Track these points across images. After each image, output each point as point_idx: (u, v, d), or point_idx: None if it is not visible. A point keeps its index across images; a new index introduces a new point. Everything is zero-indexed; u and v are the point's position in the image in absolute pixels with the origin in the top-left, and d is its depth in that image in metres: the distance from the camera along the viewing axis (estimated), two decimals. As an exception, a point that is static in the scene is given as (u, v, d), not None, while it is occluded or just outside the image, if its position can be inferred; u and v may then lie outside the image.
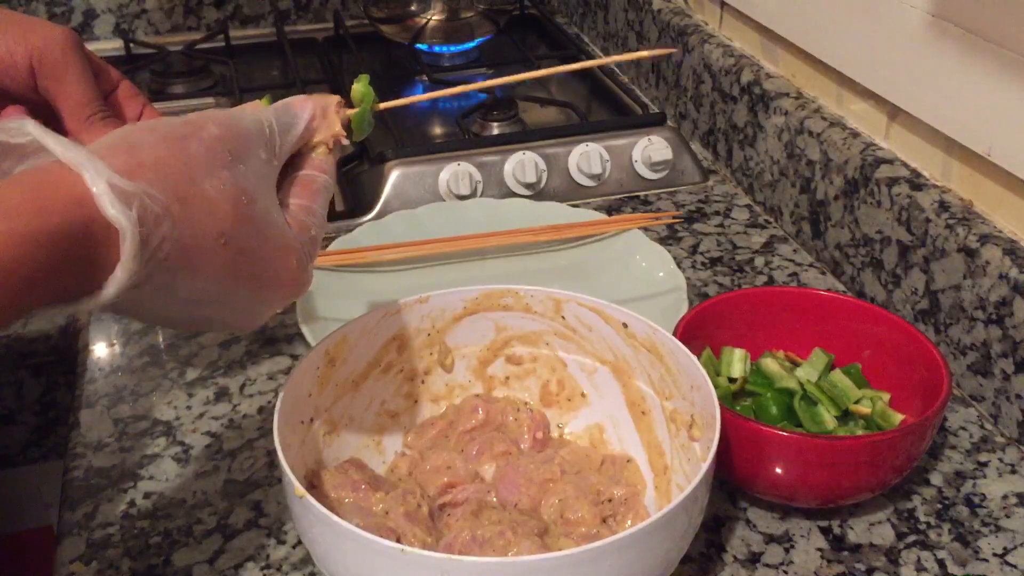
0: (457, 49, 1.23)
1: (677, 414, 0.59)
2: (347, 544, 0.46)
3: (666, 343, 0.58)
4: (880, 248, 0.78)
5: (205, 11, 1.32)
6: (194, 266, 0.44)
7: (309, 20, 1.36)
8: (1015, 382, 0.66)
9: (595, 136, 0.97)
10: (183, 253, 0.43)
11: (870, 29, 0.80)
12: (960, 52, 0.70)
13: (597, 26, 1.31)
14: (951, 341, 0.72)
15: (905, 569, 0.58)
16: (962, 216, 0.71)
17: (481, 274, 0.83)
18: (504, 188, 0.94)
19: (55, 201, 0.39)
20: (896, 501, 0.63)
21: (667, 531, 0.47)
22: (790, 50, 0.93)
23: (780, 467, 0.58)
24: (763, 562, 0.59)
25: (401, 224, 0.85)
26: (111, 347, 0.77)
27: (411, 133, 1.08)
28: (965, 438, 0.68)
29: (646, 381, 0.61)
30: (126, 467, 0.65)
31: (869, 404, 0.64)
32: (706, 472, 0.49)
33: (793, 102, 0.89)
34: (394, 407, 0.64)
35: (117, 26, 1.29)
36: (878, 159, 0.79)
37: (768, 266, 0.86)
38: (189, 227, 0.43)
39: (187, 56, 1.22)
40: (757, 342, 0.68)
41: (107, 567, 0.58)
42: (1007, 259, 0.66)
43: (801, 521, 0.61)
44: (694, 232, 0.91)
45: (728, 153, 1.00)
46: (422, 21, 1.22)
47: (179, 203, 0.42)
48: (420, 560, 0.44)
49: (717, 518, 0.61)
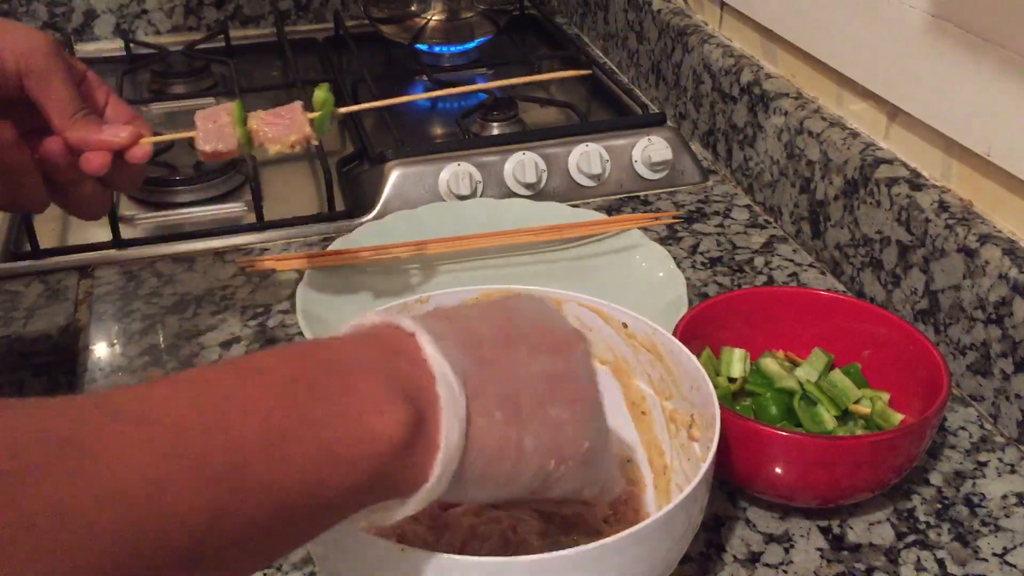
0: (457, 49, 1.23)
1: (677, 414, 0.59)
2: (347, 544, 0.46)
3: (666, 343, 0.58)
4: (880, 248, 0.78)
5: (205, 11, 1.32)
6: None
7: (309, 20, 1.36)
8: (1015, 382, 0.66)
9: (595, 136, 0.97)
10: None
11: (870, 29, 0.80)
12: (960, 52, 0.70)
13: (597, 26, 1.31)
14: (951, 341, 0.72)
15: (905, 569, 0.58)
16: (962, 216, 0.71)
17: (481, 274, 0.83)
18: (504, 188, 0.94)
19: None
20: (896, 501, 0.63)
21: (667, 531, 0.47)
22: (790, 50, 0.93)
23: (780, 467, 0.58)
24: (763, 562, 0.59)
25: (401, 224, 0.85)
26: (111, 347, 0.77)
27: (411, 133, 1.08)
28: (965, 438, 0.68)
29: (646, 381, 0.61)
30: (126, 467, 0.65)
31: (869, 404, 0.64)
32: (706, 472, 0.49)
33: (793, 102, 0.89)
34: (394, 407, 0.63)
35: (117, 26, 1.29)
36: (878, 159, 0.79)
37: (768, 266, 0.86)
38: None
39: (187, 56, 1.22)
40: (757, 342, 0.68)
41: (107, 567, 0.58)
42: (1007, 259, 0.66)
43: (801, 521, 0.61)
44: (694, 232, 0.91)
45: (728, 153, 1.00)
46: (422, 21, 1.22)
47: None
48: (420, 560, 0.44)
49: (717, 518, 0.61)
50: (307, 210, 0.94)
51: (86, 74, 0.64)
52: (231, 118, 0.64)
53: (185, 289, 0.83)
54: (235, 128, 0.63)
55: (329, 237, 0.88)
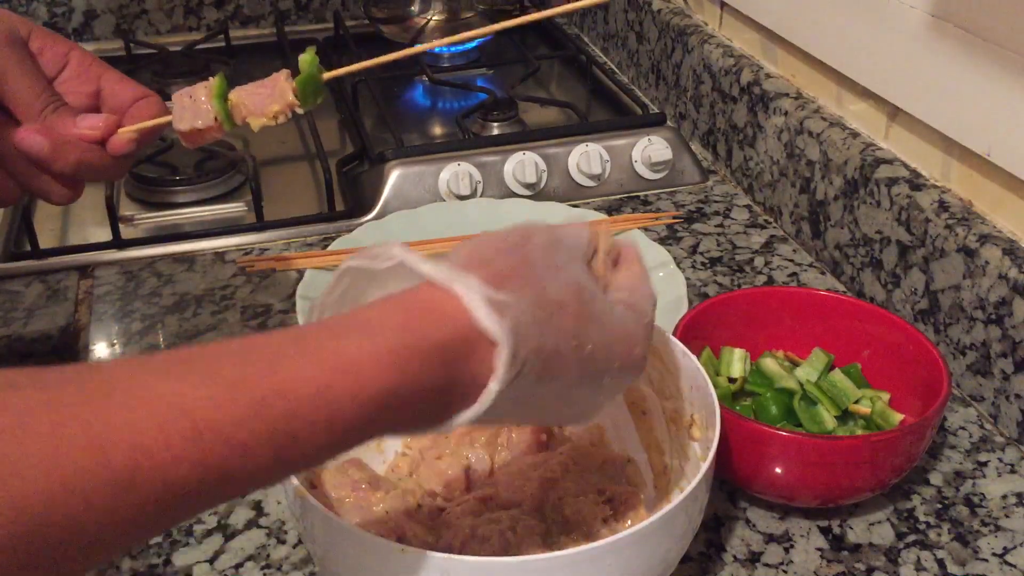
0: (457, 49, 1.23)
1: (677, 414, 0.59)
2: (347, 544, 0.46)
3: (666, 343, 0.58)
4: (880, 248, 0.78)
5: (205, 11, 1.32)
6: (551, 373, 0.42)
7: (309, 20, 1.36)
8: (1014, 382, 0.66)
9: (595, 136, 0.97)
10: (545, 361, 0.42)
11: (870, 29, 0.80)
12: (960, 52, 0.70)
13: (597, 26, 1.31)
14: (951, 341, 0.72)
15: (905, 569, 0.58)
16: (962, 216, 0.71)
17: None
18: (504, 188, 0.94)
19: (429, 320, 0.39)
20: (896, 501, 0.63)
21: (667, 531, 0.48)
22: (790, 50, 0.93)
23: (780, 467, 0.58)
24: (763, 562, 0.59)
25: (401, 224, 0.85)
26: (111, 347, 0.77)
27: (411, 133, 1.08)
28: (965, 438, 0.68)
29: (646, 381, 0.61)
30: (126, 467, 0.65)
31: (869, 404, 0.64)
32: (706, 472, 0.49)
33: (793, 102, 0.89)
34: (394, 407, 0.63)
35: (117, 26, 1.29)
36: (878, 159, 0.79)
37: (768, 266, 0.86)
38: (551, 333, 0.42)
39: (187, 56, 1.22)
40: (757, 342, 0.68)
41: (107, 567, 0.58)
42: (1007, 259, 0.66)
43: (801, 521, 0.61)
44: (694, 232, 0.91)
45: (728, 153, 1.00)
46: (422, 21, 1.22)
47: (541, 309, 0.41)
48: (420, 560, 0.44)
49: (717, 518, 0.61)
50: (307, 210, 0.94)
51: (68, 58, 0.60)
52: (208, 91, 0.59)
53: (185, 289, 0.83)
54: (212, 102, 0.59)
55: (329, 237, 0.88)
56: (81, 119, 0.58)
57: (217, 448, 0.32)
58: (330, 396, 0.35)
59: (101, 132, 0.58)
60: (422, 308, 0.39)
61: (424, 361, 0.38)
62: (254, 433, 0.33)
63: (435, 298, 0.40)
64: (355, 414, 0.36)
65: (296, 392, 0.35)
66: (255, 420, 0.33)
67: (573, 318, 0.43)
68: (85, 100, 0.62)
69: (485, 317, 0.39)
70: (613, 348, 0.45)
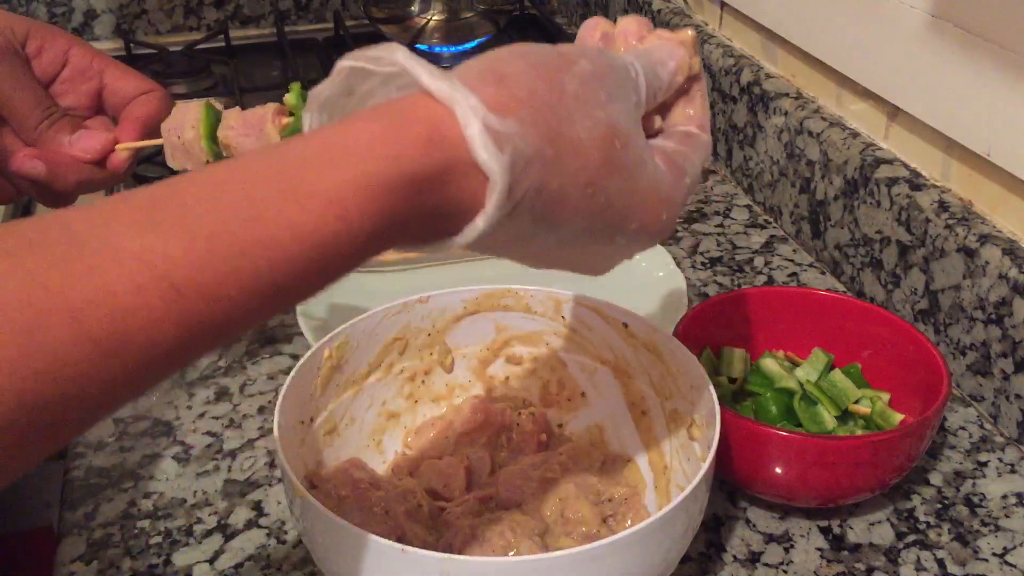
0: (457, 49, 1.23)
1: (677, 414, 0.59)
2: (347, 544, 0.46)
3: (666, 343, 0.58)
4: (880, 248, 0.78)
5: (205, 11, 1.32)
6: (553, 218, 0.39)
7: (309, 20, 1.36)
8: (1014, 382, 0.66)
9: (595, 136, 0.97)
10: (547, 203, 0.38)
11: (870, 29, 0.80)
12: (960, 52, 0.70)
13: (597, 26, 1.31)
14: (951, 341, 0.72)
15: (905, 569, 0.58)
16: (962, 216, 0.71)
17: (481, 274, 0.83)
18: (504, 188, 0.94)
19: (421, 145, 0.36)
20: (896, 501, 0.63)
21: (667, 531, 0.48)
22: (790, 50, 0.93)
23: (780, 467, 0.58)
24: (763, 562, 0.59)
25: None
26: (111, 347, 0.77)
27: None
28: (965, 438, 0.68)
29: (646, 381, 0.61)
30: (126, 467, 0.65)
31: (869, 404, 0.64)
32: (706, 472, 0.49)
33: (793, 102, 0.89)
34: (394, 407, 0.64)
35: (117, 26, 1.29)
36: (878, 159, 0.79)
37: (768, 266, 0.86)
38: (558, 174, 0.38)
39: (187, 56, 1.22)
40: (757, 342, 0.68)
41: (107, 567, 0.58)
42: (1007, 259, 0.66)
43: (801, 521, 0.61)
44: (694, 232, 0.91)
45: (728, 153, 1.00)
46: (422, 21, 1.22)
47: (550, 146, 0.38)
48: (420, 560, 0.44)
49: (717, 518, 0.61)
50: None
51: (68, 55, 0.58)
52: (196, 132, 0.59)
53: (185, 289, 0.83)
54: (201, 144, 0.59)
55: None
56: (77, 139, 0.57)
57: (199, 305, 0.31)
58: (316, 239, 0.34)
59: (98, 154, 0.58)
60: (415, 132, 0.36)
61: (413, 193, 0.36)
62: (237, 287, 0.32)
63: (431, 117, 0.36)
64: (340, 252, 0.35)
65: (279, 240, 0.33)
66: (237, 274, 0.32)
67: (593, 163, 0.39)
68: (86, 100, 0.62)
69: (481, 148, 0.36)
70: (633, 208, 0.42)
